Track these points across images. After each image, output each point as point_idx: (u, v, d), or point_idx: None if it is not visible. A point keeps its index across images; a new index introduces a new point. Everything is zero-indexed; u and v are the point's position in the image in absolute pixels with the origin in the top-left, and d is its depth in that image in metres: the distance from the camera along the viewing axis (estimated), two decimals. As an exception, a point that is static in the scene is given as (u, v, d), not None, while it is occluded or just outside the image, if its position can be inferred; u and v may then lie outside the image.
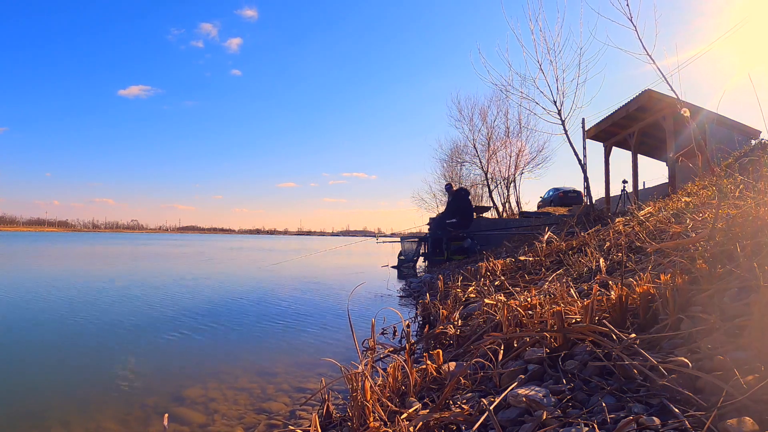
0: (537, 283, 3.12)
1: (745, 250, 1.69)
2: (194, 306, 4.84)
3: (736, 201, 2.46)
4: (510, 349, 1.78)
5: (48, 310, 4.43)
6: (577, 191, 18.30)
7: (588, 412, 1.19)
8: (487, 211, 15.90)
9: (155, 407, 2.04)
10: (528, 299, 2.13)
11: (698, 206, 3.31)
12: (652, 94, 8.16)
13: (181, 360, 2.78)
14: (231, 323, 3.92)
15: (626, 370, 1.31)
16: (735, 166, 3.99)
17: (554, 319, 1.71)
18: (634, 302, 1.73)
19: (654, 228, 3.33)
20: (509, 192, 19.00)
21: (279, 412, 1.98)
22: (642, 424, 1.04)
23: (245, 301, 5.23)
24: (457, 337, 2.33)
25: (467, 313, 2.84)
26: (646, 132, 10.03)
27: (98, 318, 4.06)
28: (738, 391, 1.02)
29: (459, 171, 21.12)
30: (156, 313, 4.38)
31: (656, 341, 1.47)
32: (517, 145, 18.42)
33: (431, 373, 1.81)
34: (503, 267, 4.28)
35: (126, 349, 3.01)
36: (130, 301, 5.12)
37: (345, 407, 1.80)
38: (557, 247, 4.25)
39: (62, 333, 3.47)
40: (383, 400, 1.55)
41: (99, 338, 3.30)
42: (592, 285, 2.19)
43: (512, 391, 1.34)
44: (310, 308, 4.77)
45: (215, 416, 1.95)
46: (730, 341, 1.26)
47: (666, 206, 4.07)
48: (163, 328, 3.65)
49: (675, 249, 2.21)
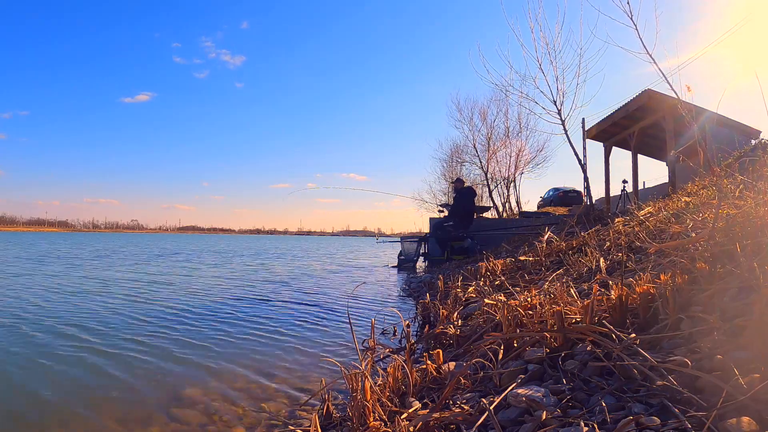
0: (537, 283, 3.12)
1: (745, 250, 1.69)
2: (195, 306, 4.84)
3: (736, 201, 2.46)
4: (510, 349, 1.78)
5: (47, 310, 4.43)
6: (577, 191, 18.31)
7: (588, 412, 1.19)
8: (487, 211, 15.89)
9: (155, 407, 2.04)
10: (528, 299, 2.13)
11: (698, 206, 3.31)
12: (652, 94, 8.17)
13: (180, 360, 2.78)
14: (231, 323, 3.92)
15: (626, 370, 1.31)
16: (735, 166, 3.99)
17: (554, 319, 1.71)
18: (634, 302, 1.73)
19: (654, 228, 3.33)
20: (509, 192, 19.04)
21: (279, 412, 1.98)
22: (642, 424, 1.04)
23: (245, 301, 5.23)
24: (457, 337, 2.33)
25: (467, 313, 2.84)
26: (646, 132, 10.03)
27: (98, 318, 4.06)
28: (738, 391, 1.02)
29: (459, 171, 21.16)
30: (156, 313, 4.39)
31: (656, 341, 1.47)
32: (517, 144, 18.46)
33: (431, 373, 1.81)
34: (503, 267, 4.28)
35: (126, 348, 3.01)
36: (131, 301, 5.12)
37: (345, 407, 1.80)
38: (557, 247, 4.25)
39: (62, 333, 3.47)
40: (383, 400, 1.55)
41: (99, 337, 3.30)
42: (592, 285, 2.18)
43: (512, 391, 1.34)
44: (310, 308, 4.77)
45: (215, 416, 1.95)
46: (730, 341, 1.26)
47: (666, 206, 4.07)
48: (163, 328, 3.65)
49: (675, 249, 2.21)
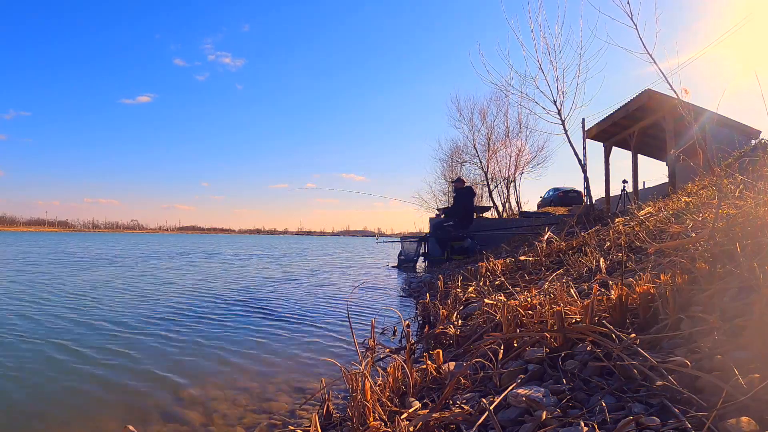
0: (537, 283, 3.12)
1: (745, 250, 1.69)
2: (195, 305, 4.84)
3: (736, 201, 2.46)
4: (510, 349, 1.78)
5: (47, 310, 4.43)
6: (577, 191, 18.31)
7: (588, 411, 1.19)
8: (487, 211, 15.89)
9: (155, 407, 2.04)
10: (528, 299, 2.13)
11: (698, 206, 3.31)
12: (652, 94, 8.16)
13: (180, 360, 2.78)
14: (231, 323, 3.92)
15: (626, 370, 1.31)
16: (735, 166, 3.99)
17: (554, 319, 1.71)
18: (634, 302, 1.73)
19: (654, 228, 3.33)
20: (509, 192, 19.04)
21: (279, 412, 1.98)
22: (642, 424, 1.04)
23: (245, 301, 5.23)
24: (457, 337, 2.33)
25: (467, 313, 2.84)
26: (646, 132, 10.03)
27: (97, 317, 4.06)
28: (738, 391, 1.02)
29: (459, 171, 21.17)
30: (157, 312, 4.39)
31: (656, 341, 1.47)
32: (516, 144, 18.46)
33: (431, 373, 1.81)
34: (503, 267, 4.28)
35: (126, 348, 3.01)
36: (131, 301, 5.12)
37: (345, 407, 1.80)
38: (557, 247, 4.25)
39: (61, 333, 3.47)
40: (383, 400, 1.55)
41: (98, 337, 3.30)
42: (592, 285, 2.18)
43: (512, 391, 1.34)
44: (310, 308, 4.77)
45: (215, 416, 1.95)
46: (730, 341, 1.26)
47: (666, 206, 4.07)
48: (163, 329, 3.65)
49: (675, 249, 2.21)
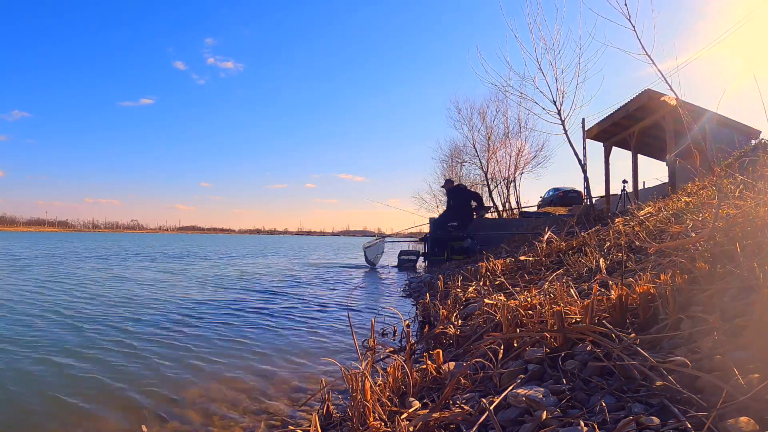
0: (537, 283, 3.12)
1: (745, 250, 1.69)
2: (194, 306, 4.84)
3: (736, 201, 2.46)
4: (510, 349, 1.78)
5: (47, 310, 4.43)
6: (577, 191, 18.28)
7: (588, 411, 1.19)
8: (487, 211, 15.88)
9: (155, 407, 2.04)
10: (528, 299, 2.13)
11: (698, 206, 3.31)
12: (652, 95, 8.16)
13: (180, 360, 2.78)
14: (231, 323, 3.92)
15: (626, 370, 1.31)
16: (735, 166, 3.99)
17: (554, 319, 1.71)
18: (634, 302, 1.73)
19: (654, 228, 3.33)
20: (509, 192, 19.01)
21: (279, 413, 1.98)
22: (642, 424, 1.04)
23: (245, 301, 5.23)
24: (457, 337, 2.33)
25: (467, 313, 2.84)
26: (646, 132, 10.03)
27: (97, 317, 4.06)
28: (738, 391, 1.02)
29: (459, 171, 21.14)
30: (156, 312, 4.39)
31: (656, 341, 1.47)
32: (516, 144, 18.42)
33: (431, 373, 1.81)
34: (503, 267, 4.28)
35: (125, 348, 3.01)
36: (131, 301, 5.12)
37: (345, 407, 1.80)
38: (557, 247, 4.25)
39: (60, 333, 3.46)
40: (383, 400, 1.55)
41: (98, 337, 3.30)
42: (592, 285, 2.18)
43: (512, 391, 1.34)
44: (310, 308, 4.77)
45: (215, 417, 1.95)
46: (730, 341, 1.26)
47: (666, 206, 4.07)
48: (163, 329, 3.65)
49: (675, 249, 2.21)
